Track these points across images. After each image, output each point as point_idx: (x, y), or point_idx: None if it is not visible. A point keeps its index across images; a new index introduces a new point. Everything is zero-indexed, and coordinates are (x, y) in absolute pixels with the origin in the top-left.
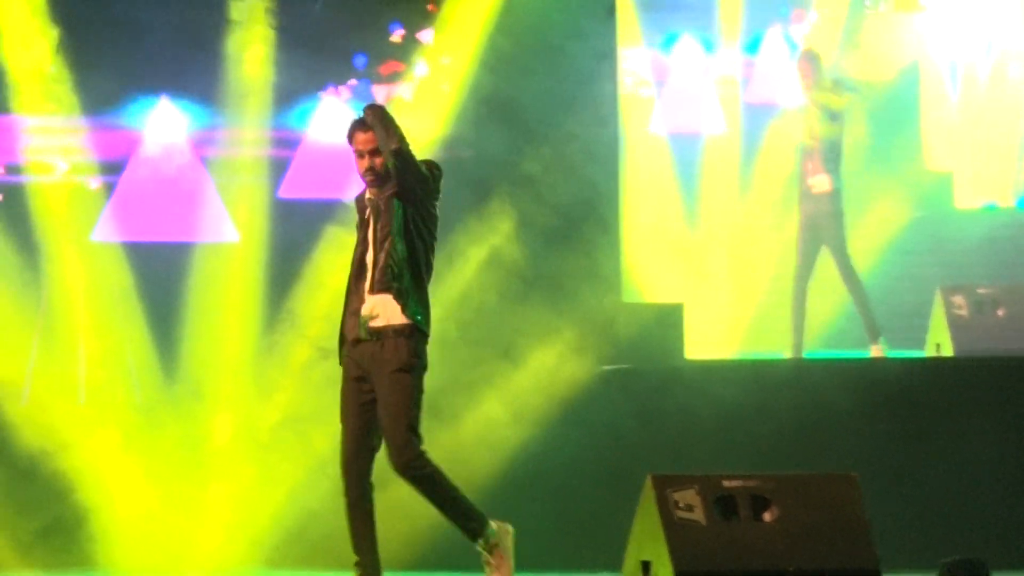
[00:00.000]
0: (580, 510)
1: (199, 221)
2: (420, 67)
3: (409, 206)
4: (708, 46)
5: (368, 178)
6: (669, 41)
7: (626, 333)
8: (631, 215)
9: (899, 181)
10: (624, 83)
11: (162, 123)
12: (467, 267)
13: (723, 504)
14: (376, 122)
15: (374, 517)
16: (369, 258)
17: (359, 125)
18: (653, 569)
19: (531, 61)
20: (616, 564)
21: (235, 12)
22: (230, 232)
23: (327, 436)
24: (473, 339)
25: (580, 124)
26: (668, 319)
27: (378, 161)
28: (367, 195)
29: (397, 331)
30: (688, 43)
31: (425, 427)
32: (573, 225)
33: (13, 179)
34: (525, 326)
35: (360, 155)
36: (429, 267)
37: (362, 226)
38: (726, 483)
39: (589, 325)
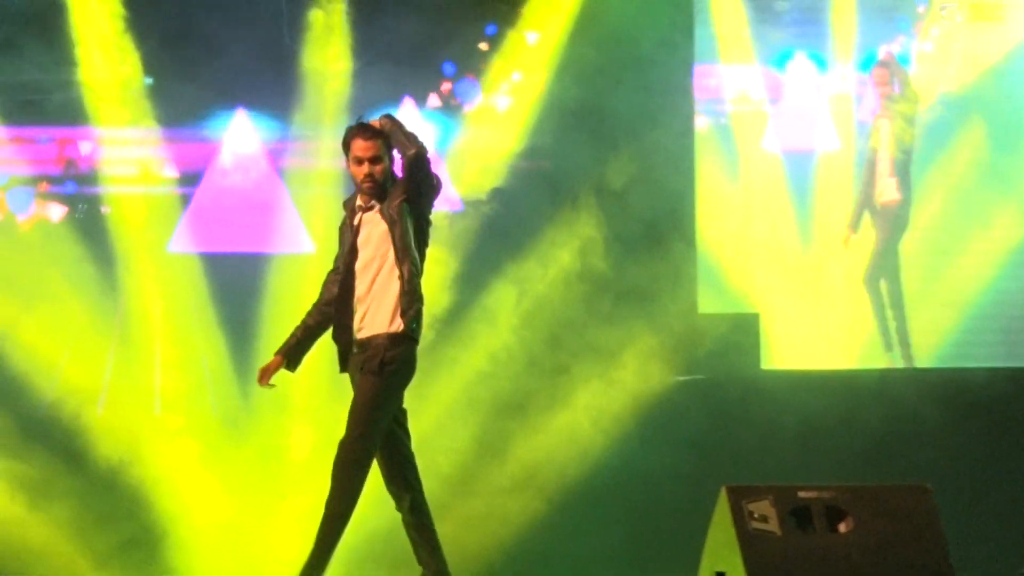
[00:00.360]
0: (656, 520)
1: (275, 232)
2: (502, 78)
3: (414, 213)
4: (821, 64)
5: (366, 185)
6: (783, 59)
7: (703, 344)
8: (733, 228)
9: (1015, 198)
10: (734, 100)
11: (239, 135)
12: (547, 276)
13: (798, 515)
14: (396, 129)
15: (429, 526)
16: (359, 266)
17: (359, 132)
18: None
19: (616, 71)
20: (691, 575)
21: (313, 24)
22: (306, 243)
23: None
24: (552, 348)
25: (662, 135)
26: (745, 329)
27: (378, 169)
28: (359, 201)
29: (388, 338)
30: (802, 61)
31: (506, 433)
32: (652, 235)
33: (92, 189)
34: (603, 336)
35: (359, 161)
36: (421, 274)
37: (350, 232)
38: (801, 494)
39: (666, 336)
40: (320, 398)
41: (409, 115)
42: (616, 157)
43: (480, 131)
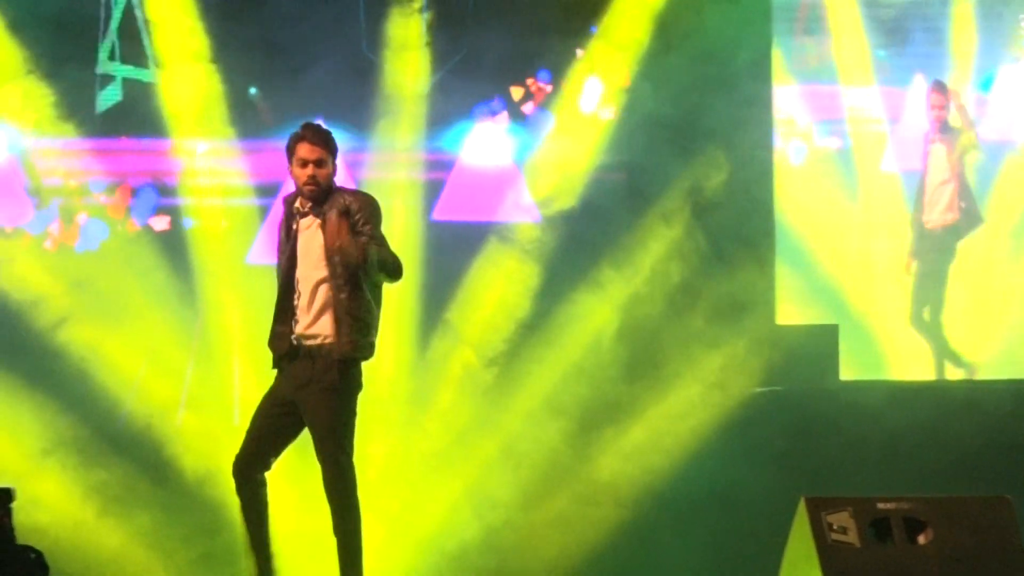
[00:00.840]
0: (735, 531)
1: None
2: (583, 89)
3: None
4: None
5: (308, 188)
6: (903, 80)
7: (782, 355)
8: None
9: None
10: (853, 120)
11: None
12: (628, 287)
13: (877, 527)
14: (381, 265)
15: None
16: (300, 275)
17: (305, 134)
18: None
19: (698, 83)
20: None
21: (392, 36)
22: None
23: (478, 461)
24: (632, 358)
25: (743, 148)
26: (823, 340)
27: (321, 173)
28: (297, 204)
29: (340, 360)
30: (920, 82)
31: (586, 441)
32: (730, 247)
33: (172, 201)
34: (682, 347)
35: (303, 163)
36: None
37: (287, 238)
38: (880, 505)
39: (745, 346)
40: (394, 411)
41: (487, 126)
42: (697, 169)
43: (560, 142)
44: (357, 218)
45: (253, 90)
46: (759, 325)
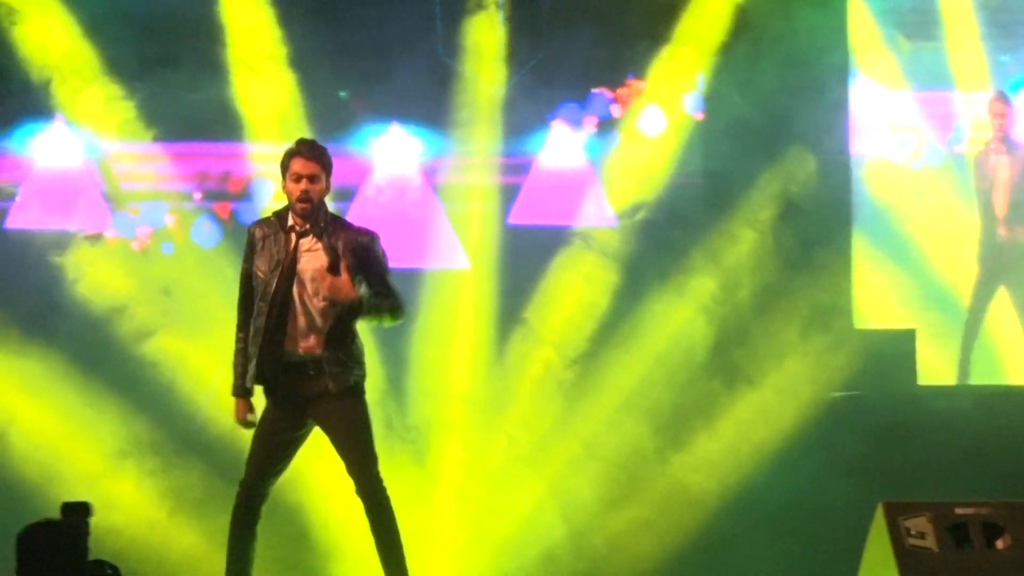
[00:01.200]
0: (812, 535)
1: (430, 248)
2: (660, 92)
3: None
4: None
5: (301, 205)
6: (1016, 86)
7: (859, 359)
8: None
9: None
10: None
11: (393, 150)
12: (704, 289)
13: (955, 532)
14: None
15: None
16: (300, 293)
17: (300, 150)
18: None
19: (778, 87)
20: None
21: (469, 39)
22: (461, 259)
23: (561, 462)
24: (710, 362)
25: (822, 152)
26: (901, 344)
27: (315, 188)
28: (290, 221)
29: (347, 368)
30: None
31: (660, 445)
32: (809, 250)
33: (246, 204)
34: (760, 349)
35: (297, 178)
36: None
37: (285, 253)
38: (958, 511)
39: (823, 351)
40: (473, 416)
41: (563, 131)
42: (776, 172)
43: (637, 146)
44: (372, 264)
45: (343, 93)
46: (837, 329)
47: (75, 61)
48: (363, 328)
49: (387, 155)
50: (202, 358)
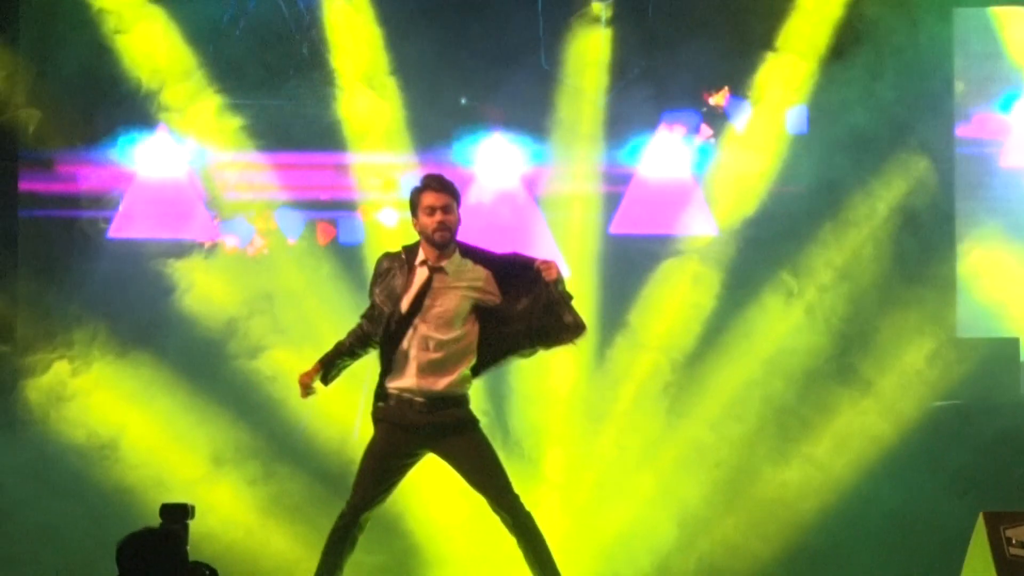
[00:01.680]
0: (912, 545)
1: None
2: (761, 100)
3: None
4: None
5: (439, 235)
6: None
7: (961, 368)
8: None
9: None
10: None
11: (495, 160)
12: (805, 298)
13: None
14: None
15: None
16: (425, 324)
17: (431, 184)
18: None
19: (878, 95)
20: None
21: (571, 47)
22: (562, 268)
23: (663, 476)
24: (809, 370)
25: (924, 160)
26: (1004, 354)
27: (451, 219)
28: (421, 256)
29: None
30: None
31: (763, 450)
32: (911, 258)
33: (348, 214)
34: (861, 358)
35: (431, 211)
36: None
37: (413, 283)
38: None
39: (925, 360)
40: (572, 421)
41: (666, 139)
42: (877, 180)
43: (742, 155)
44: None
45: (464, 100)
46: (939, 338)
47: (179, 70)
48: None
49: (490, 165)
50: (305, 368)
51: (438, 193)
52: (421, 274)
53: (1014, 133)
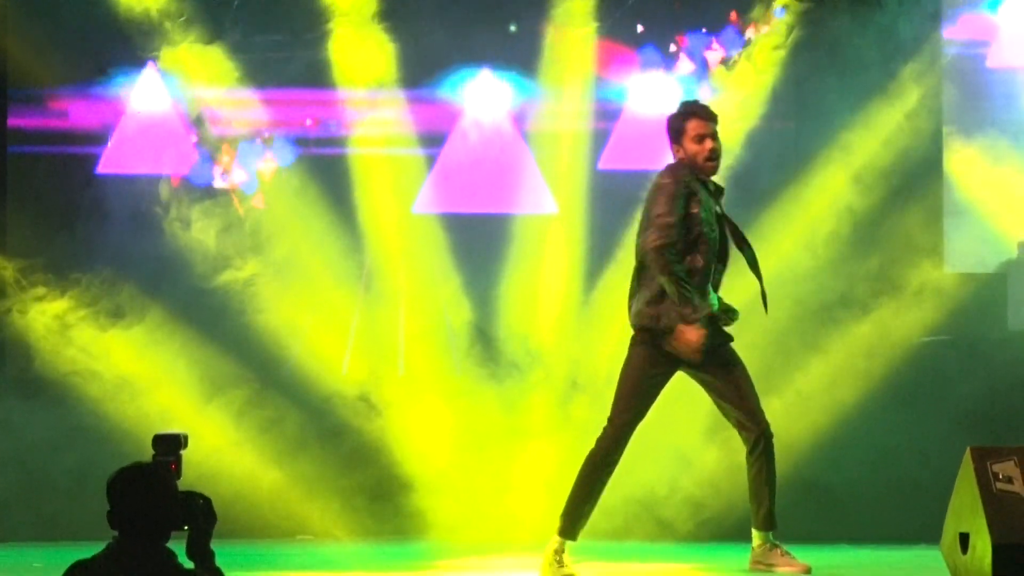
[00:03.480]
0: (898, 481)
1: (519, 193)
2: (747, 40)
3: None
4: None
5: (711, 163)
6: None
7: (949, 304)
8: None
9: None
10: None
11: (483, 96)
12: (788, 236)
13: None
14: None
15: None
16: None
17: (697, 111)
18: (971, 541)
19: (865, 37)
20: (935, 536)
21: None
22: (549, 204)
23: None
24: (793, 304)
25: (911, 94)
26: (992, 289)
27: (719, 147)
28: (707, 183)
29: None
30: None
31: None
32: (899, 195)
33: (337, 151)
34: (848, 295)
35: (700, 139)
36: None
37: (716, 218)
38: None
39: (912, 295)
40: (559, 359)
41: (653, 75)
42: (861, 114)
43: (724, 93)
44: None
45: (512, 26)
46: (927, 273)
47: (170, 7)
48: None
49: (477, 101)
50: (289, 302)
51: (705, 121)
52: (717, 203)
53: (1001, 33)
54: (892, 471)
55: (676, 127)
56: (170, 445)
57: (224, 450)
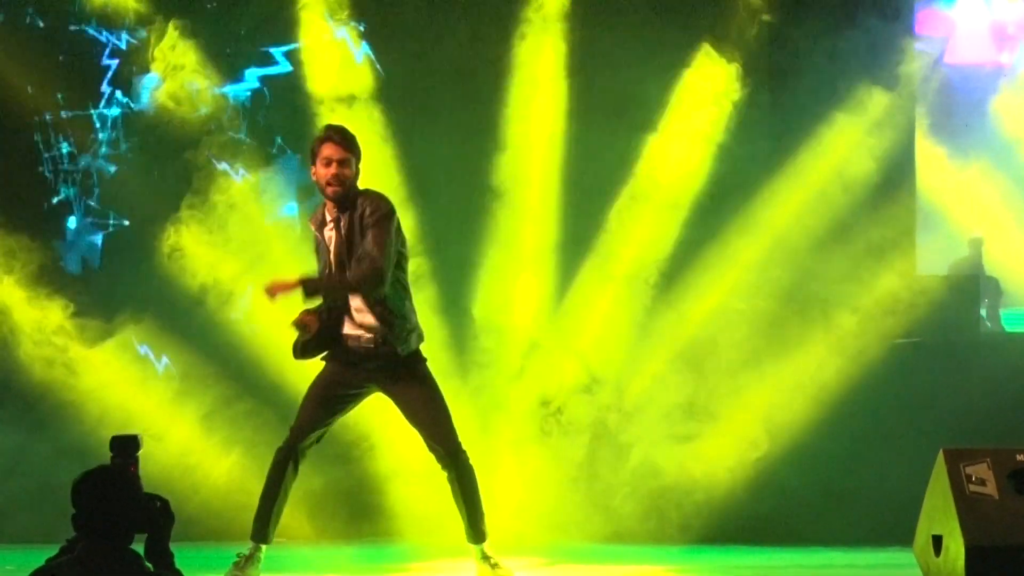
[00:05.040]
0: (871, 484)
1: None
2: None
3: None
4: None
5: (332, 188)
6: None
7: (922, 305)
8: None
9: None
10: None
11: None
12: (763, 237)
13: (1016, 478)
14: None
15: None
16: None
17: (332, 137)
18: (944, 543)
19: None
20: (908, 538)
21: None
22: None
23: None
24: (772, 308)
25: (884, 96)
26: (964, 291)
27: (345, 173)
28: (327, 212)
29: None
30: None
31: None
32: (871, 196)
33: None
34: (821, 296)
35: (327, 163)
36: None
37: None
38: (1020, 457)
39: (885, 297)
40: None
41: None
42: (838, 117)
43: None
44: (367, 220)
45: None
46: (900, 275)
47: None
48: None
49: None
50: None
51: (337, 146)
52: (325, 230)
53: (958, 29)
54: (865, 473)
55: (312, 151)
56: (128, 446)
57: (197, 451)
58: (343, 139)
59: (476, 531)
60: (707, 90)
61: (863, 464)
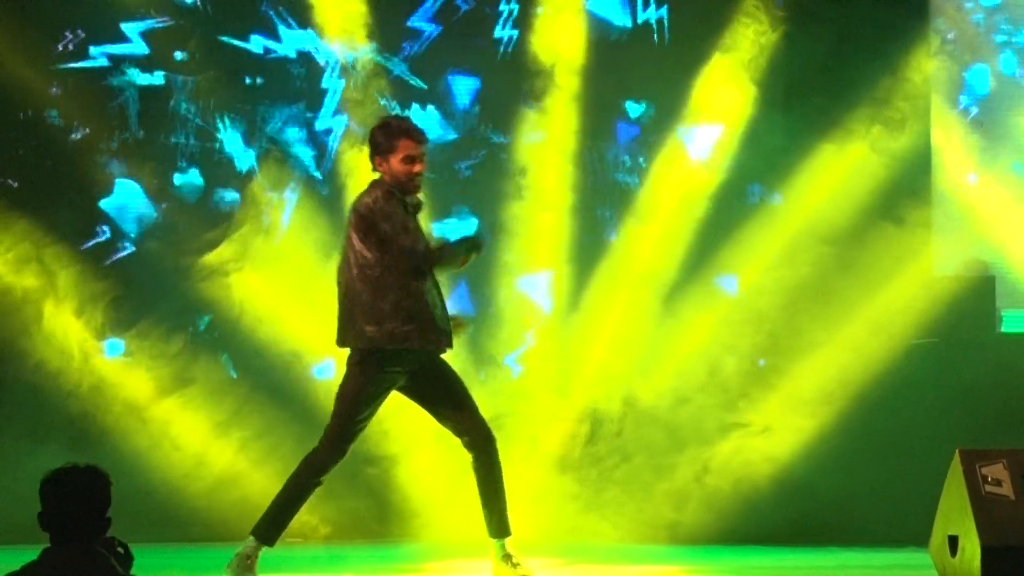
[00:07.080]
0: (888, 484)
1: None
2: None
3: None
4: None
5: (417, 183)
6: None
7: (939, 307)
8: None
9: None
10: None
11: None
12: (780, 237)
13: None
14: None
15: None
16: None
17: (413, 132)
18: (960, 543)
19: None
20: (924, 539)
21: None
22: None
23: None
24: (786, 309)
25: (899, 97)
26: (981, 292)
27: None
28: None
29: None
30: None
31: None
32: (887, 196)
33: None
34: (838, 297)
35: (412, 160)
36: None
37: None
38: None
39: (902, 298)
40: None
41: None
42: (852, 117)
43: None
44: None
45: None
46: (916, 276)
47: None
48: None
49: None
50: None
51: (420, 144)
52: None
53: None
54: (881, 474)
55: (389, 140)
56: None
57: (209, 454)
58: (423, 136)
59: (502, 524)
60: (722, 90)
61: (879, 465)
